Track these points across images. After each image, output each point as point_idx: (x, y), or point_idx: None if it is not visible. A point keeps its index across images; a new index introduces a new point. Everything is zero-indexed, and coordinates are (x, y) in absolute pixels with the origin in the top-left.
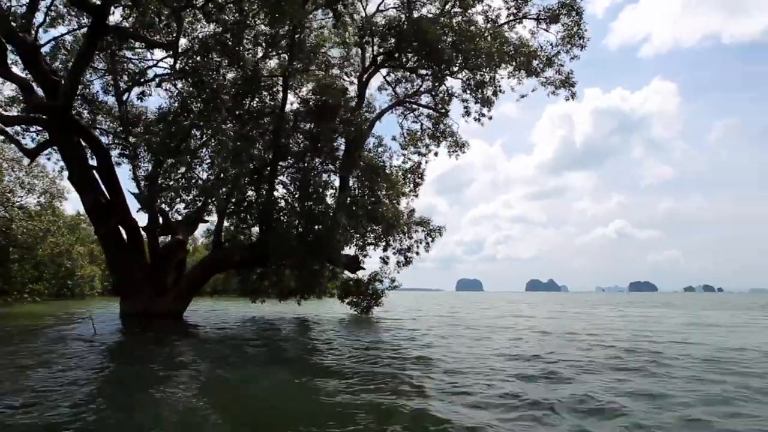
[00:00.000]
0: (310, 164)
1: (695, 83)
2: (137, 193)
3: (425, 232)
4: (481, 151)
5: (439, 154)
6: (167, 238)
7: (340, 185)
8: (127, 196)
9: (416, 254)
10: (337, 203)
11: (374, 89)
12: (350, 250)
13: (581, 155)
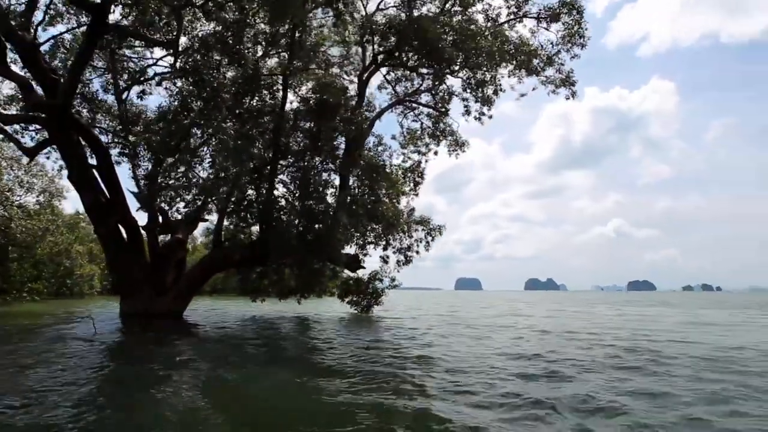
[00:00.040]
0: (310, 163)
1: (693, 82)
2: (137, 192)
3: (425, 231)
4: (479, 150)
5: (438, 153)
6: (167, 237)
7: (340, 184)
8: (126, 195)
9: (416, 253)
10: (337, 202)
11: (374, 88)
12: (350, 249)
13: (579, 154)
